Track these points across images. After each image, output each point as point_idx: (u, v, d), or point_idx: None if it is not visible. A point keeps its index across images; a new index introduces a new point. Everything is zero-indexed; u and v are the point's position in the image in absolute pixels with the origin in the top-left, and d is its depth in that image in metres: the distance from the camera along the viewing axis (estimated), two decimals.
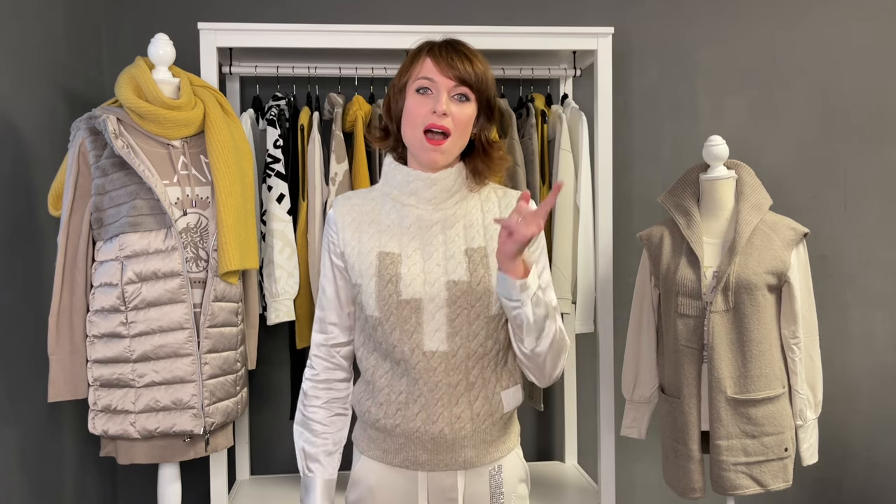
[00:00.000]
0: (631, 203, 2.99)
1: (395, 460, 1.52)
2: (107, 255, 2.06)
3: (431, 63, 1.48)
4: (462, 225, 1.53)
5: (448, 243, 1.51)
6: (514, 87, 2.84)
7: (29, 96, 2.23)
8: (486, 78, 1.52)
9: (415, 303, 1.47)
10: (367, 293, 1.50)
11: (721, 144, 2.22)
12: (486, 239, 1.52)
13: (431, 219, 1.53)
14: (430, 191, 1.52)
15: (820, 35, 3.03)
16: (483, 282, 1.48)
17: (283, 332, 2.82)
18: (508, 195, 1.60)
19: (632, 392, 2.40)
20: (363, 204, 1.57)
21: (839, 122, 3.04)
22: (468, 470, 1.52)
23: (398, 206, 1.54)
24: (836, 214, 3.05)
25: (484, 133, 1.55)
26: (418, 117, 1.46)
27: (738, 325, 2.14)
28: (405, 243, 1.51)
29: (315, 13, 2.85)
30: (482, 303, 1.48)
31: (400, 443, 1.51)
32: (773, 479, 2.15)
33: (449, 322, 1.48)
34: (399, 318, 1.48)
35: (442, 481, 1.51)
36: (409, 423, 1.49)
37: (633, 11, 2.96)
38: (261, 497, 2.61)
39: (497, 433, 1.54)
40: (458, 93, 1.48)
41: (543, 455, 3.02)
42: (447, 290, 1.48)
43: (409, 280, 1.48)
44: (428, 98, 1.47)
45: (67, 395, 2.07)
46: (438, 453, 1.49)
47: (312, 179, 2.48)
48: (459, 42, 1.53)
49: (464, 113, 1.48)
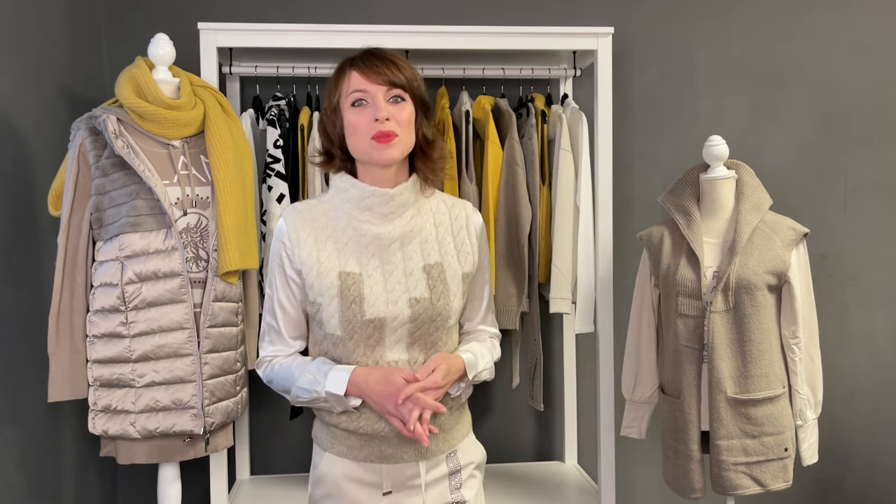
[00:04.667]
0: (631, 203, 2.99)
1: (360, 455, 1.56)
2: (107, 255, 2.06)
3: (359, 75, 1.50)
4: (418, 241, 1.57)
5: (406, 261, 1.55)
6: (514, 87, 2.84)
7: (29, 96, 2.23)
8: (415, 77, 1.54)
9: (378, 321, 1.52)
10: (328, 313, 1.53)
11: (721, 144, 2.22)
12: (441, 255, 1.58)
13: (389, 237, 1.55)
14: (387, 206, 1.55)
15: (820, 35, 3.03)
16: (443, 297, 1.54)
17: None
18: (457, 204, 1.65)
19: (632, 392, 2.40)
20: (315, 218, 1.57)
21: (839, 122, 3.04)
22: (429, 459, 1.59)
23: (353, 223, 1.56)
24: (836, 214, 3.05)
25: (423, 131, 1.57)
26: (362, 129, 1.49)
27: (739, 325, 2.14)
28: (364, 262, 1.54)
29: (315, 13, 2.85)
30: (442, 316, 1.55)
31: (365, 440, 1.56)
32: (773, 479, 2.15)
33: (410, 335, 1.54)
34: (362, 336, 1.52)
35: (405, 471, 1.57)
36: (372, 424, 1.54)
37: (633, 11, 2.96)
38: (261, 497, 2.61)
39: (453, 422, 1.62)
40: (393, 95, 1.51)
41: (543, 455, 3.01)
42: (409, 307, 1.52)
43: (372, 300, 1.51)
44: (366, 109, 1.49)
45: (67, 395, 2.07)
46: (402, 447, 1.55)
47: (312, 179, 2.48)
48: (379, 49, 1.55)
49: (404, 113, 1.51)
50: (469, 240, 1.62)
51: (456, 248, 1.60)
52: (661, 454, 2.39)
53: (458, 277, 1.58)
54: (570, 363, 2.92)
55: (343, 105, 1.52)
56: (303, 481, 2.76)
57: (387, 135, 1.47)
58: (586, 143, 2.54)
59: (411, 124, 1.53)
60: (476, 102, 2.63)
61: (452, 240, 1.60)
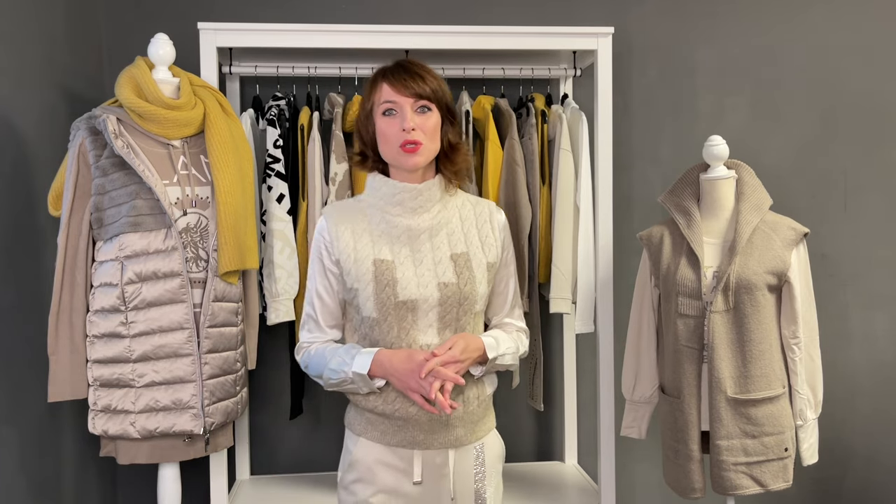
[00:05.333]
0: (631, 203, 2.99)
1: (393, 441, 1.67)
2: (107, 255, 2.06)
3: (389, 87, 1.65)
4: (445, 233, 1.72)
5: (435, 250, 1.69)
6: (514, 87, 2.84)
7: (29, 96, 2.23)
8: (441, 88, 1.69)
9: (411, 303, 1.65)
10: (364, 296, 1.66)
11: (721, 144, 2.22)
12: (466, 245, 1.72)
13: (419, 228, 1.70)
14: (416, 201, 1.70)
15: (820, 35, 3.03)
16: (469, 283, 1.68)
17: (283, 332, 2.81)
18: (480, 203, 1.80)
19: (632, 392, 2.40)
20: (352, 215, 1.73)
21: (839, 122, 3.04)
22: (458, 448, 1.70)
23: (386, 217, 1.71)
24: (836, 214, 3.05)
25: (448, 137, 1.72)
26: (391, 137, 1.64)
27: (739, 325, 2.14)
28: (397, 251, 1.68)
29: (315, 13, 2.85)
30: (469, 301, 1.68)
31: (398, 425, 1.67)
32: (774, 479, 2.15)
33: (440, 318, 1.67)
34: (396, 317, 1.65)
35: (435, 459, 1.68)
36: (407, 408, 1.65)
37: (633, 11, 2.96)
38: (261, 497, 2.61)
39: (481, 413, 1.74)
40: (420, 106, 1.65)
41: (543, 455, 3.01)
42: (439, 291, 1.66)
43: (404, 283, 1.65)
44: (395, 118, 1.65)
45: (67, 395, 2.07)
46: (433, 433, 1.67)
47: (312, 179, 2.48)
48: (409, 61, 1.70)
49: (429, 122, 1.66)
50: (493, 233, 1.76)
51: (480, 240, 1.73)
52: (661, 454, 2.39)
53: (483, 266, 1.71)
54: (570, 363, 2.92)
55: (375, 113, 1.67)
56: (303, 481, 2.76)
57: (413, 143, 1.63)
58: (586, 143, 2.54)
59: (436, 132, 1.67)
60: (476, 102, 2.63)
61: (477, 232, 1.74)
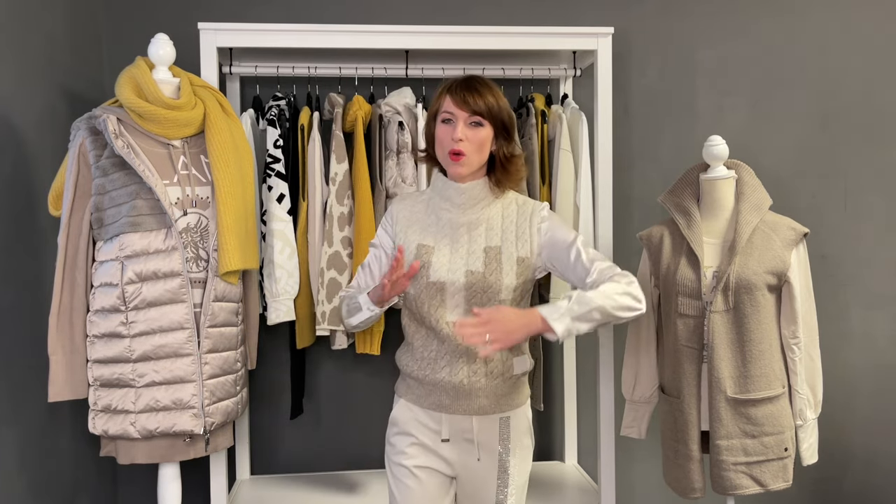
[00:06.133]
0: (631, 203, 2.99)
1: (425, 403, 1.92)
2: (107, 255, 2.06)
3: (450, 100, 1.86)
4: (484, 227, 1.91)
5: (471, 242, 1.89)
6: (514, 87, 2.84)
7: (29, 96, 2.23)
8: (499, 106, 1.86)
9: (440, 284, 1.87)
10: None
11: (721, 144, 2.22)
12: (501, 240, 1.90)
13: (460, 221, 1.92)
14: (461, 198, 1.91)
15: (820, 35, 3.03)
16: (494, 273, 1.86)
17: (283, 332, 2.82)
18: (528, 203, 1.95)
19: (632, 392, 2.40)
20: (414, 205, 1.99)
21: (839, 122, 3.05)
22: (482, 416, 1.89)
23: (437, 210, 1.95)
24: (836, 214, 3.05)
25: (503, 150, 1.90)
26: (444, 143, 1.87)
27: (738, 325, 2.14)
28: (438, 239, 1.91)
29: (315, 13, 2.85)
30: (493, 289, 1.85)
31: (429, 389, 1.91)
32: (773, 479, 2.16)
33: (466, 301, 1.87)
34: (428, 295, 1.88)
35: (460, 423, 1.90)
36: (436, 374, 1.88)
37: (633, 11, 2.97)
38: (261, 497, 2.61)
39: (507, 389, 1.91)
40: (473, 121, 1.84)
41: (543, 455, 3.02)
42: (465, 277, 1.86)
43: (437, 267, 1.88)
44: (450, 127, 1.86)
45: (67, 394, 2.07)
46: (458, 399, 1.88)
47: (312, 179, 2.48)
48: (475, 78, 1.88)
49: (479, 136, 1.85)
50: (529, 230, 1.91)
51: (516, 236, 1.90)
52: (661, 454, 2.40)
53: (513, 259, 1.88)
54: (570, 363, 2.93)
55: (437, 119, 1.89)
56: (303, 481, 2.76)
57: (457, 153, 1.83)
58: (586, 143, 2.54)
59: (484, 145, 1.86)
60: None
61: (515, 229, 1.91)
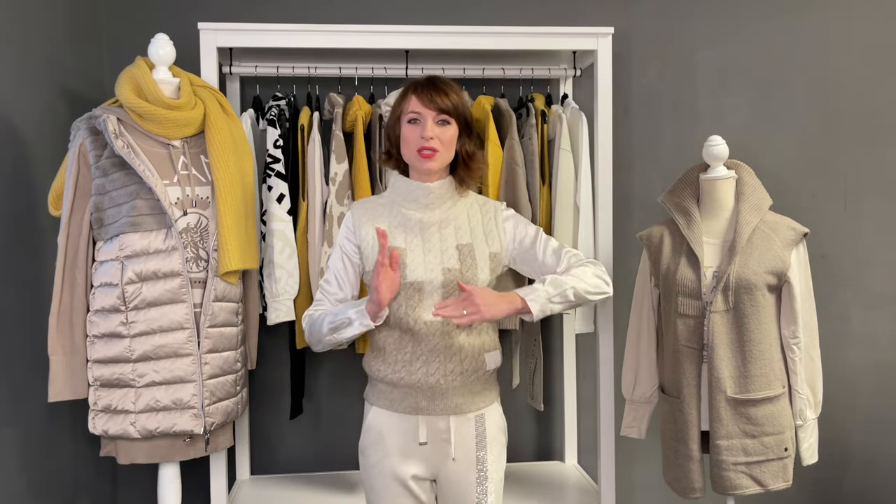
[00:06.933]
0: (631, 203, 2.99)
1: (400, 407, 1.89)
2: (107, 255, 2.06)
3: (416, 100, 1.87)
4: (453, 226, 1.93)
5: (443, 240, 1.90)
6: (514, 87, 2.84)
7: (29, 96, 2.23)
8: (462, 104, 1.90)
9: (417, 284, 1.86)
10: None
11: (721, 144, 2.22)
12: (471, 237, 1.92)
13: (430, 220, 1.92)
14: (428, 198, 1.92)
15: (820, 35, 3.03)
16: (471, 270, 1.88)
17: (283, 332, 2.82)
18: (488, 202, 2.01)
19: (632, 392, 2.40)
20: (376, 209, 1.97)
21: (839, 122, 3.05)
22: (458, 416, 1.90)
23: (402, 210, 1.94)
24: (836, 214, 3.05)
25: (466, 147, 1.93)
26: (412, 142, 1.88)
27: (738, 325, 2.14)
28: (409, 240, 1.90)
29: (315, 13, 2.85)
30: (469, 285, 1.84)
31: (404, 392, 1.89)
32: (773, 479, 2.16)
33: (444, 299, 1.86)
34: (405, 296, 1.86)
35: (437, 424, 1.89)
36: (411, 376, 1.87)
37: (633, 11, 2.97)
38: (261, 497, 2.61)
39: (480, 387, 1.93)
40: (440, 119, 1.87)
41: (543, 455, 3.02)
42: (442, 275, 1.87)
43: (412, 267, 1.87)
44: (417, 126, 1.88)
45: (68, 395, 2.07)
46: (434, 400, 1.88)
47: (312, 179, 2.48)
48: (438, 78, 1.91)
49: (447, 134, 1.88)
50: (496, 228, 1.96)
51: (485, 234, 1.94)
52: (661, 454, 2.40)
53: (486, 255, 1.91)
54: (570, 363, 2.93)
55: (402, 120, 1.90)
56: (303, 481, 2.76)
57: (430, 149, 1.85)
58: (586, 143, 2.54)
59: (452, 142, 1.90)
60: (476, 102, 2.63)
61: (482, 228, 1.94)
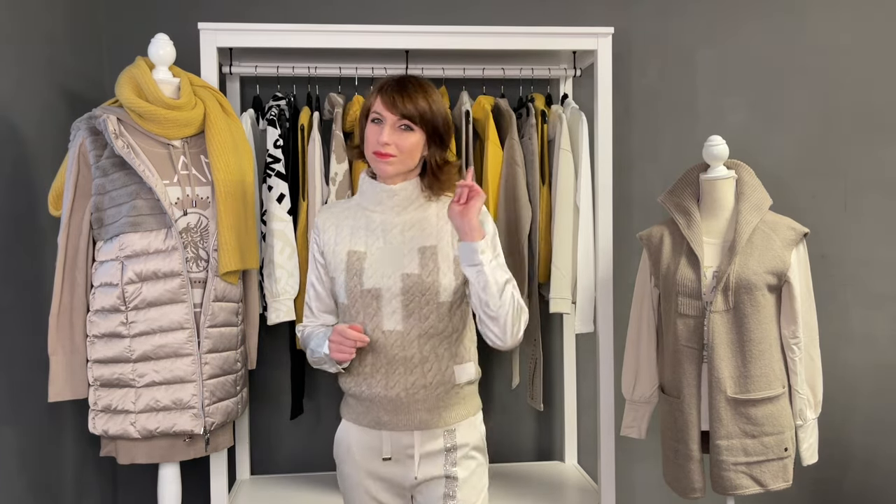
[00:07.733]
0: (631, 203, 2.99)
1: (364, 421, 1.81)
2: (107, 254, 2.06)
3: (380, 100, 1.76)
4: (419, 227, 1.81)
5: (406, 243, 1.80)
6: (514, 87, 2.84)
7: (29, 96, 2.23)
8: (432, 111, 1.76)
9: (375, 291, 1.77)
10: (338, 284, 1.82)
11: (721, 144, 2.22)
12: (437, 239, 1.80)
13: (393, 222, 1.82)
14: (392, 200, 1.81)
15: (820, 35, 3.03)
16: (432, 274, 1.77)
17: (283, 332, 2.82)
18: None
19: (632, 392, 2.40)
20: (341, 212, 1.88)
21: (839, 122, 3.04)
22: (423, 431, 1.79)
23: (367, 213, 1.85)
24: (836, 214, 3.05)
25: (436, 157, 1.81)
26: (370, 143, 1.77)
27: (738, 325, 2.14)
28: (370, 243, 1.81)
29: (315, 13, 2.85)
30: (431, 291, 1.76)
31: (367, 406, 1.80)
32: (773, 479, 2.15)
33: (403, 307, 1.76)
34: (362, 304, 1.78)
35: (401, 439, 1.79)
36: (372, 389, 1.78)
37: (633, 11, 2.96)
38: (261, 497, 2.61)
39: (449, 401, 1.80)
40: (402, 125, 1.75)
41: (543, 455, 3.02)
42: (401, 281, 1.76)
43: (370, 273, 1.78)
44: (378, 127, 1.76)
45: (68, 394, 2.07)
46: (397, 414, 1.78)
47: (313, 179, 2.48)
48: (409, 79, 1.78)
49: (407, 141, 1.75)
50: None
51: (452, 235, 1.82)
52: (661, 454, 2.40)
53: (450, 259, 1.79)
54: (570, 363, 2.93)
55: (368, 118, 1.80)
56: (303, 481, 2.76)
57: (384, 154, 1.74)
58: (586, 143, 2.54)
59: (414, 150, 1.76)
60: (476, 102, 2.63)
61: (450, 230, 1.82)
